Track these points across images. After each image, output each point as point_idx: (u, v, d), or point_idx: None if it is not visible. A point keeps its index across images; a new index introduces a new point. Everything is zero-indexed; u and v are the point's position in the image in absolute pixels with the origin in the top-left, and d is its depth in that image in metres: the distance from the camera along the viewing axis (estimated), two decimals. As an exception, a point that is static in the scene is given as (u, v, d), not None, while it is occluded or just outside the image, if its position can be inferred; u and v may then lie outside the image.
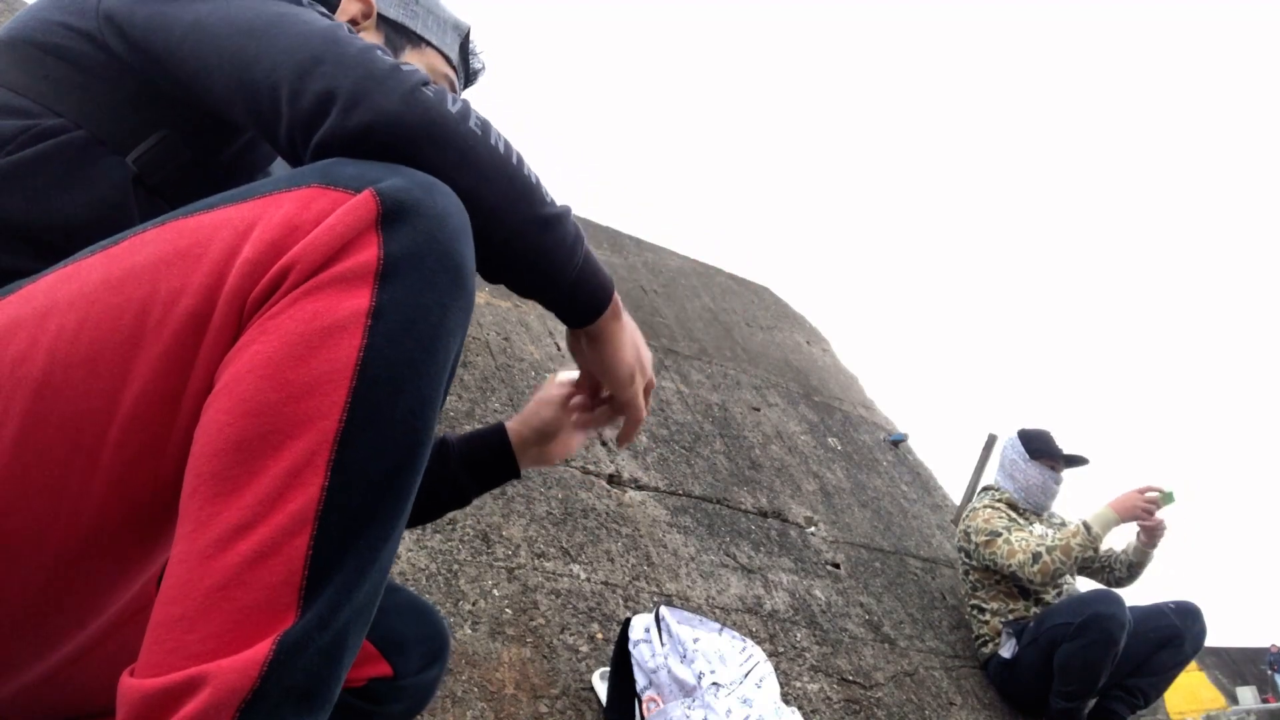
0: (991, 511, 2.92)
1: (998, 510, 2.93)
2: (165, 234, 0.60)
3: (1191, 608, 2.83)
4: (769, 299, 4.85)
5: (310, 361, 0.53)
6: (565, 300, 0.77)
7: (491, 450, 1.04)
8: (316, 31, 0.67)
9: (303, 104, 0.64)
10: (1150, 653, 2.75)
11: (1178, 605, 2.83)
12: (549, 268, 0.74)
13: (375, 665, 0.86)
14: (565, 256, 0.74)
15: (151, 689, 0.49)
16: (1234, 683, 10.40)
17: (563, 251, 0.73)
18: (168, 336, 0.56)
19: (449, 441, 1.04)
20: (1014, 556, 2.75)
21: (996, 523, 2.86)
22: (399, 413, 0.55)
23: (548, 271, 0.74)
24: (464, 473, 1.03)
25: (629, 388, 0.86)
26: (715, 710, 1.59)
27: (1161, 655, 2.76)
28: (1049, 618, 2.74)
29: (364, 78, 0.64)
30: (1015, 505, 2.99)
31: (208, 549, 0.51)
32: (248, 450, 0.52)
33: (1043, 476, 2.94)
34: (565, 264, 0.74)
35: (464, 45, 1.05)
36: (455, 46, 1.03)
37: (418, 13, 0.99)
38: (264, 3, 0.70)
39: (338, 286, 0.55)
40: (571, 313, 0.79)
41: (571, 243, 0.74)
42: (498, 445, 1.04)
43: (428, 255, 0.57)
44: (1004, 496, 3.02)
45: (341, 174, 0.59)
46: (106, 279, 0.58)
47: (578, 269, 0.75)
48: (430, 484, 0.99)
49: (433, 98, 0.66)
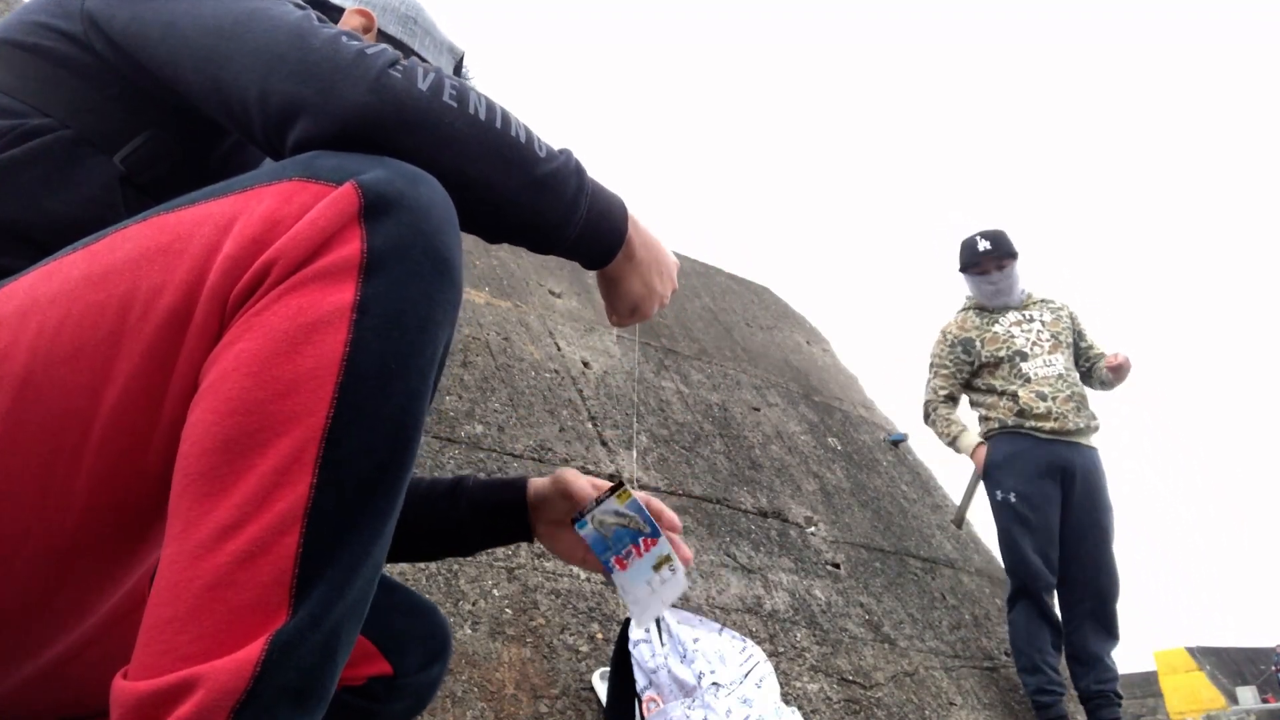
0: (940, 337, 3.15)
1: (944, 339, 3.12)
2: (146, 230, 0.59)
3: None
4: (769, 299, 4.84)
5: (296, 358, 0.53)
6: (573, 252, 0.77)
7: (504, 504, 0.94)
8: (283, 27, 0.66)
9: (272, 105, 0.64)
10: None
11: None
12: (549, 227, 0.73)
13: (375, 664, 0.86)
14: (565, 212, 0.73)
15: (145, 691, 0.49)
16: (1234, 683, 10.39)
17: (561, 208, 0.72)
18: (149, 333, 0.56)
19: (466, 484, 0.96)
20: (925, 396, 3.12)
21: (935, 354, 3.14)
22: (387, 408, 0.55)
23: (548, 230, 0.73)
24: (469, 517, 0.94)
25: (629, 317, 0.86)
26: (715, 710, 1.59)
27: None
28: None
29: (330, 72, 0.63)
30: (984, 307, 3.12)
31: (197, 549, 0.51)
32: (235, 449, 0.52)
33: (978, 285, 3.08)
34: (565, 220, 0.73)
35: (458, 70, 1.06)
36: (449, 69, 1.04)
37: (416, 32, 1.00)
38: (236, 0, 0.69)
39: (322, 281, 0.54)
40: (585, 260, 0.79)
41: (572, 196, 0.73)
42: (511, 500, 0.94)
43: (412, 248, 0.57)
44: (971, 303, 3.17)
45: (323, 167, 0.59)
46: (88, 276, 0.58)
47: (580, 221, 0.74)
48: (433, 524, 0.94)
49: (401, 79, 0.65)
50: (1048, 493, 2.84)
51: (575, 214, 0.74)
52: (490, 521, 0.94)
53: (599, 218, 0.76)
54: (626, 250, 0.80)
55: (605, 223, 0.77)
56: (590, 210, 0.75)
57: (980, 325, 3.06)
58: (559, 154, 0.73)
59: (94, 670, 0.69)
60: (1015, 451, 2.88)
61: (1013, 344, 2.98)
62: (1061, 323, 3.05)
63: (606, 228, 0.77)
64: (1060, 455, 2.85)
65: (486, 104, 0.69)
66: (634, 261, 0.82)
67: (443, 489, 0.96)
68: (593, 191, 0.76)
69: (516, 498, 0.94)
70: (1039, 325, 3.04)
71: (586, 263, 0.79)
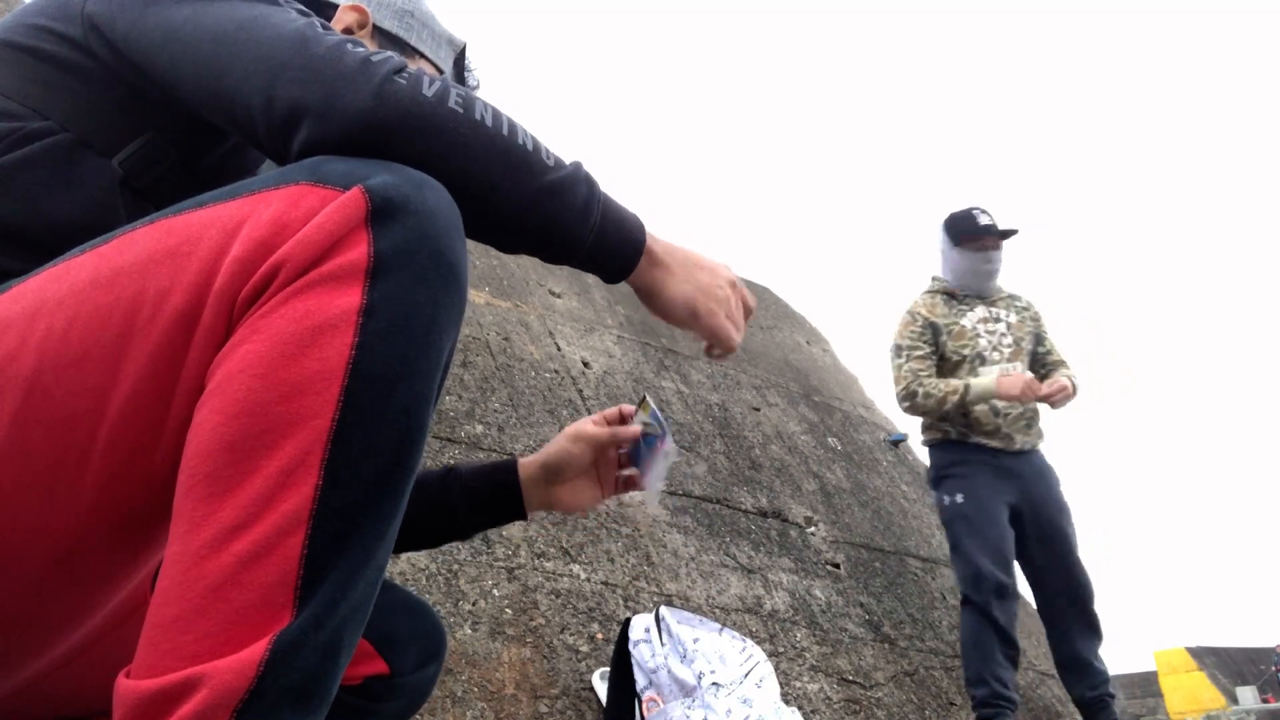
0: (909, 318, 2.81)
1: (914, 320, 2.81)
2: (154, 233, 0.59)
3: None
4: (769, 299, 4.84)
5: (302, 360, 0.53)
6: (589, 262, 0.75)
7: (495, 485, 0.98)
8: (286, 34, 0.66)
9: (276, 113, 0.64)
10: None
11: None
12: (561, 235, 0.72)
13: (372, 663, 0.86)
14: (576, 220, 0.72)
15: (148, 690, 0.49)
16: (1234, 683, 10.38)
17: (572, 215, 0.71)
18: (157, 335, 0.56)
19: (458, 471, 0.99)
20: (899, 383, 2.74)
21: (905, 336, 2.79)
22: (392, 410, 0.55)
23: (561, 239, 0.72)
24: (462, 503, 0.97)
25: (695, 324, 0.82)
26: (715, 710, 1.59)
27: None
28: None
29: (334, 79, 0.63)
30: (953, 294, 2.83)
31: (202, 550, 0.51)
32: (241, 450, 0.52)
33: (971, 261, 2.78)
34: (578, 228, 0.72)
35: (459, 61, 1.04)
36: (449, 61, 1.02)
37: (413, 26, 0.98)
38: (238, 6, 0.69)
39: (328, 285, 0.54)
40: (601, 272, 0.77)
41: (583, 204, 0.72)
42: (503, 480, 0.98)
43: (418, 252, 0.57)
44: (939, 286, 2.87)
45: (330, 171, 0.59)
46: (96, 278, 0.58)
47: (594, 230, 0.73)
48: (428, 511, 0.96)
49: (406, 86, 0.64)
50: (997, 488, 2.71)
51: (588, 221, 0.73)
52: (483, 505, 0.98)
53: (615, 226, 0.75)
54: (649, 258, 0.78)
55: (622, 231, 0.76)
56: (605, 219, 0.74)
57: (948, 315, 2.81)
58: (568, 164, 0.73)
59: (94, 671, 0.69)
60: (962, 459, 2.76)
61: (976, 344, 2.77)
62: (1025, 325, 2.85)
63: (623, 236, 0.76)
64: (1005, 464, 2.75)
65: (493, 112, 0.69)
66: (663, 266, 0.80)
67: (434, 478, 0.98)
68: (605, 201, 0.75)
69: (508, 479, 0.98)
70: (1004, 326, 2.83)
71: (607, 274, 0.77)
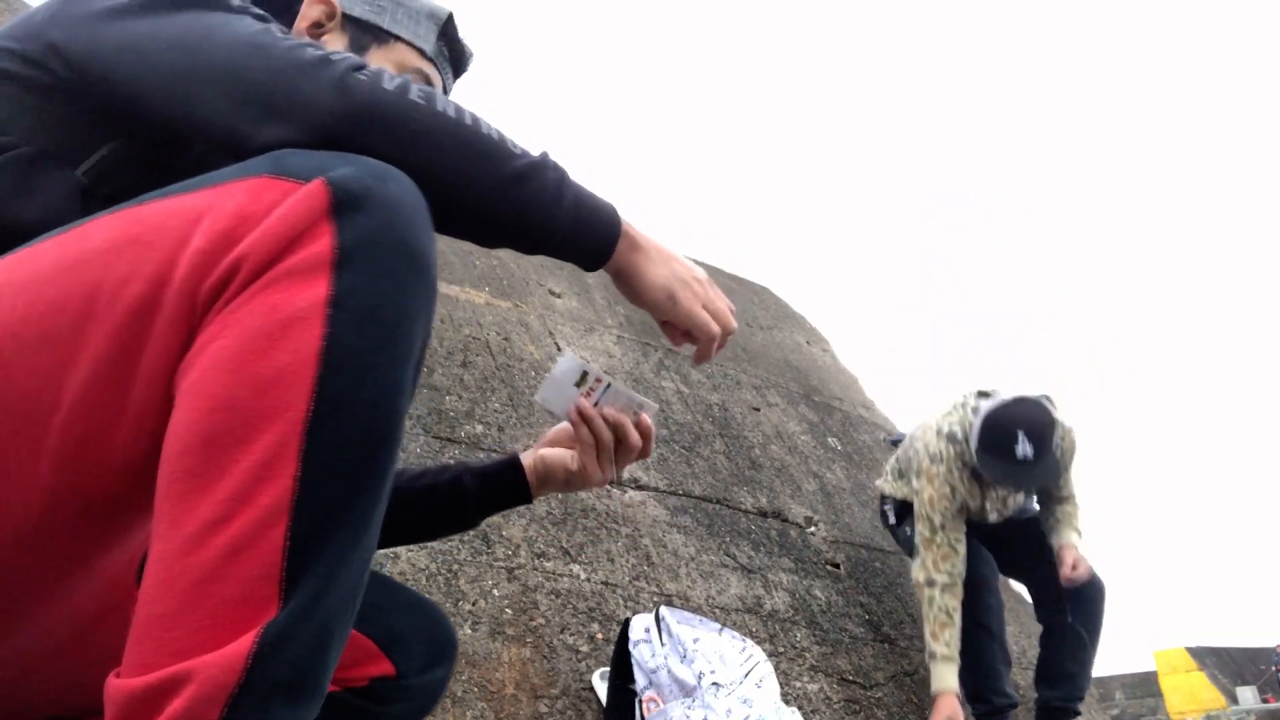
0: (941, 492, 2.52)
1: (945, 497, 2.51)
2: (118, 221, 0.60)
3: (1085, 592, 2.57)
4: (769, 299, 4.84)
5: (273, 354, 0.53)
6: (565, 249, 0.76)
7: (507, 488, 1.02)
8: (242, 40, 0.68)
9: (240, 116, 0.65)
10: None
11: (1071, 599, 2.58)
12: (536, 220, 0.72)
13: (377, 664, 0.86)
14: (548, 206, 0.72)
15: (137, 688, 0.49)
16: (1234, 683, 10.38)
17: (543, 201, 0.72)
18: (116, 321, 0.56)
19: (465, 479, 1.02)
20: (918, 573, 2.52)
21: (936, 515, 2.51)
22: (366, 399, 0.55)
23: (536, 224, 0.73)
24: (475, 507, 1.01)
25: (673, 309, 0.82)
26: (715, 710, 1.59)
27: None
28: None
29: (295, 77, 0.65)
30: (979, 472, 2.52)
31: (185, 546, 0.51)
32: (218, 446, 0.52)
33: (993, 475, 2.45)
34: (550, 214, 0.73)
35: (447, 33, 1.01)
36: (431, 37, 0.99)
37: (385, 7, 0.96)
38: (196, 16, 0.70)
39: (295, 277, 0.55)
40: (579, 258, 0.77)
41: (553, 190, 0.73)
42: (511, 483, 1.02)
43: (384, 242, 0.57)
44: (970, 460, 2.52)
45: (292, 164, 0.60)
46: (59, 263, 0.59)
47: (568, 215, 0.74)
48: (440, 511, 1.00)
49: (366, 81, 0.66)
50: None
51: (561, 204, 0.73)
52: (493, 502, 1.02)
53: (589, 211, 0.75)
54: (627, 240, 0.79)
55: (597, 215, 0.76)
56: (579, 203, 0.74)
57: (968, 491, 2.57)
58: (535, 154, 0.73)
59: (82, 669, 0.69)
60: None
61: (984, 516, 2.62)
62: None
63: (599, 220, 0.76)
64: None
65: (455, 106, 0.70)
66: (641, 250, 0.80)
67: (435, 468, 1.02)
68: (576, 187, 0.75)
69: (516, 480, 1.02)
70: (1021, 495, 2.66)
71: (584, 261, 0.78)
